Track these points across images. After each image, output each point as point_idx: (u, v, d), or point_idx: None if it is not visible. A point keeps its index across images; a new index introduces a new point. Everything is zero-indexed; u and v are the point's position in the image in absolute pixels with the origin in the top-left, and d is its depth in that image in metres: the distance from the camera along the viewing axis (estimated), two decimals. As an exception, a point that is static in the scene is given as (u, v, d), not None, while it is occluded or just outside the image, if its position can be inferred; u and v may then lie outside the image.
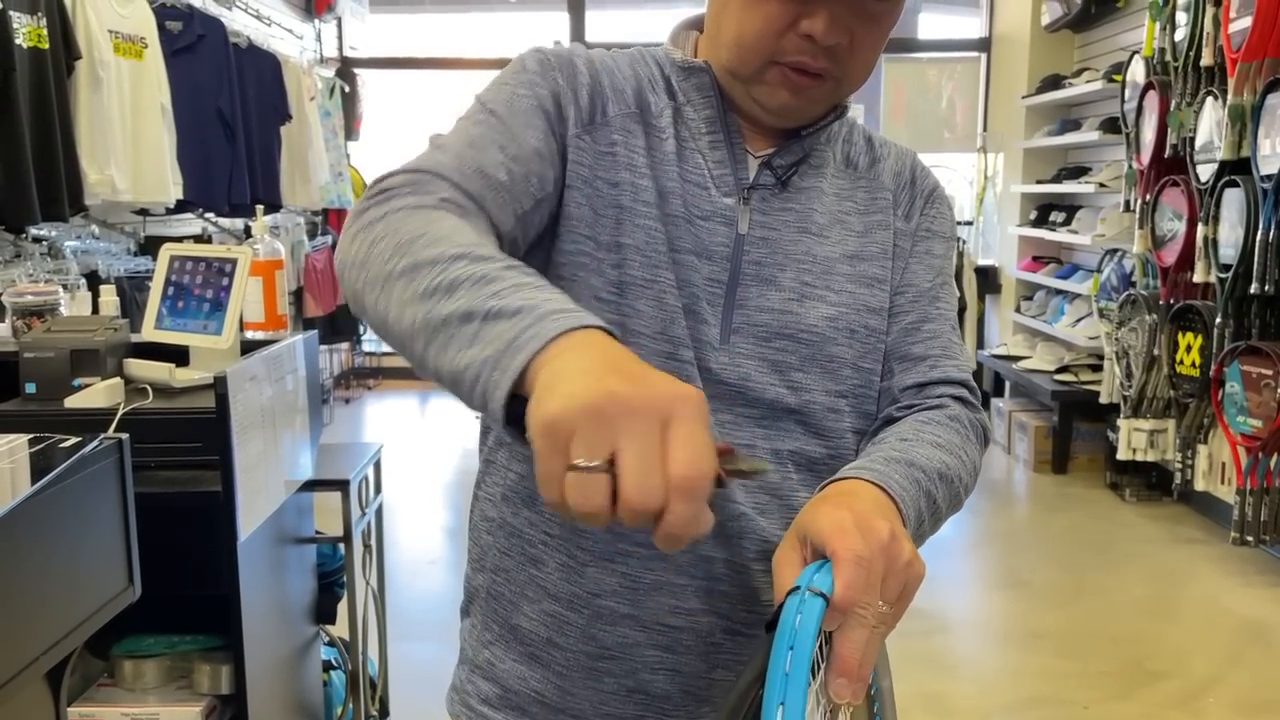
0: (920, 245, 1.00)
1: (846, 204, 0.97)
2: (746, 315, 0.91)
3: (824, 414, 0.93)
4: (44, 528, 1.16)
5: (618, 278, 0.88)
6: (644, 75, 0.96)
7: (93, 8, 3.36)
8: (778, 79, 0.89)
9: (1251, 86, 3.49)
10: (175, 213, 4.08)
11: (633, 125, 0.92)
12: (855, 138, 1.02)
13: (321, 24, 6.47)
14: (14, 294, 2.10)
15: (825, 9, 0.85)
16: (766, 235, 0.92)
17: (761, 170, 0.93)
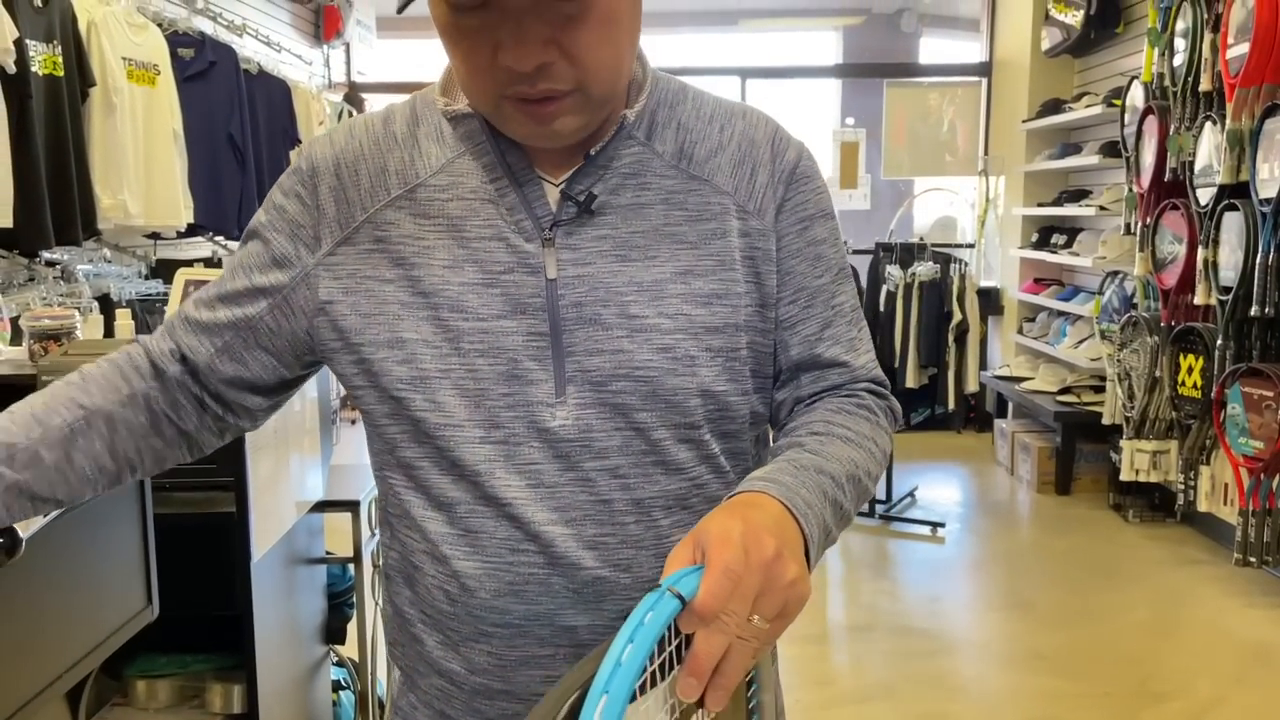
0: (798, 239, 0.93)
1: (676, 212, 0.89)
2: (577, 362, 0.86)
3: (677, 449, 0.88)
4: (67, 548, 1.19)
5: (410, 374, 0.87)
6: (428, 125, 0.91)
7: (107, 36, 3.42)
8: (512, 111, 0.82)
9: (1250, 111, 3.53)
10: (185, 236, 4.12)
11: (399, 212, 0.88)
12: (692, 121, 0.92)
13: (330, 50, 6.55)
14: (31, 318, 2.13)
15: (511, 37, 0.77)
16: (581, 273, 0.86)
17: (563, 202, 0.87)
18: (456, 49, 0.81)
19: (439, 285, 0.86)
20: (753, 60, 7.47)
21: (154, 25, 3.75)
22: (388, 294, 0.87)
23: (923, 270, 6.12)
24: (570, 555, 0.86)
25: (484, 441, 0.86)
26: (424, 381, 0.86)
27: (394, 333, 0.87)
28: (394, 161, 0.90)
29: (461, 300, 0.86)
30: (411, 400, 0.87)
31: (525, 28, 0.77)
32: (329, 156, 0.91)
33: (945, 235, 6.68)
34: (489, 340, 0.86)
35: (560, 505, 0.86)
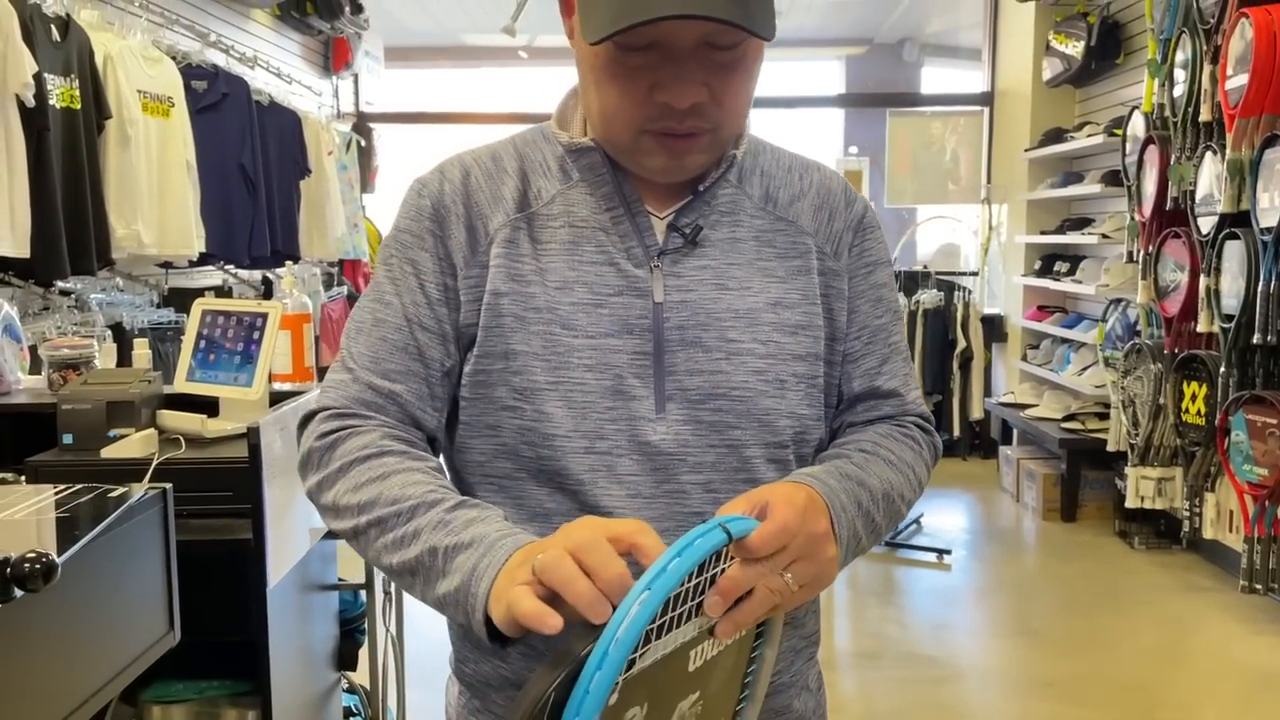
0: (864, 281, 1.02)
1: (767, 250, 0.98)
2: (678, 381, 0.93)
3: (766, 468, 0.95)
4: (94, 574, 1.21)
5: (522, 385, 0.92)
6: (534, 161, 0.99)
7: (123, 69, 3.48)
8: (652, 146, 0.91)
9: (1249, 141, 3.57)
10: (197, 265, 4.17)
11: (515, 234, 0.95)
12: (774, 169, 1.01)
13: (339, 81, 6.63)
14: (51, 347, 2.17)
15: (672, 76, 0.86)
16: (684, 298, 0.94)
17: (669, 234, 0.95)
18: (611, 85, 0.89)
19: (551, 303, 0.93)
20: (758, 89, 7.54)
21: (168, 58, 3.81)
22: (503, 308, 0.94)
23: (926, 298, 6.15)
24: None
25: (588, 452, 0.92)
26: (534, 393, 0.92)
27: (508, 345, 0.93)
28: (508, 191, 0.97)
29: (572, 319, 0.93)
30: (522, 410, 0.92)
31: (687, 70, 0.86)
32: (450, 192, 0.98)
33: (948, 263, 6.72)
34: (597, 356, 0.92)
35: (655, 516, 0.92)
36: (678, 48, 0.85)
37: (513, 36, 6.99)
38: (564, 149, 0.98)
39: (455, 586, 0.80)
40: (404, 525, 0.86)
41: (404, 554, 0.85)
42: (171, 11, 4.28)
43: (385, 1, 6.94)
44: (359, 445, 0.91)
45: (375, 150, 6.72)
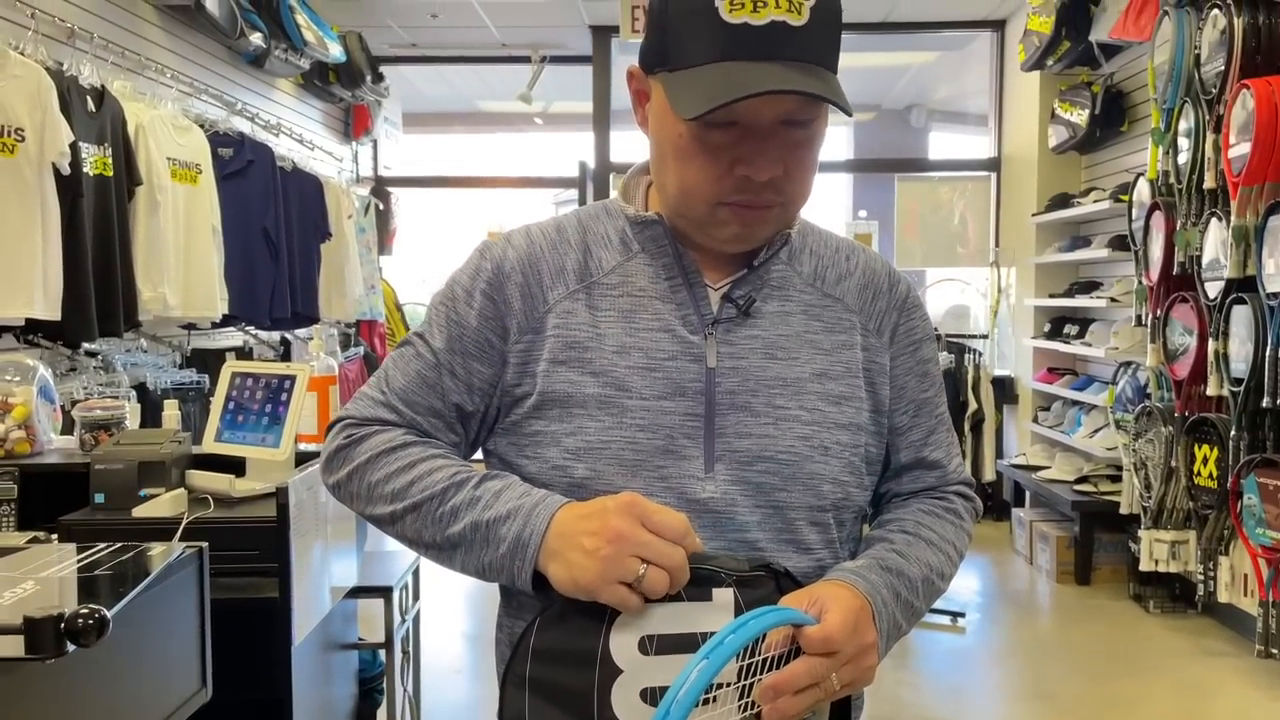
0: (910, 358, 1.09)
1: (814, 323, 1.04)
2: (727, 443, 0.98)
3: (808, 530, 1.01)
4: (133, 631, 1.25)
5: (575, 445, 0.98)
6: (597, 234, 1.06)
7: (154, 138, 3.59)
8: (728, 216, 0.98)
9: (1254, 209, 3.64)
10: (219, 326, 4.25)
11: (574, 304, 1.02)
12: (822, 249, 1.08)
13: (359, 146, 6.78)
14: (84, 408, 2.23)
15: (753, 151, 0.93)
16: (736, 365, 1.00)
17: (723, 304, 1.02)
18: (694, 160, 0.96)
19: (608, 367, 0.99)
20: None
21: (197, 127, 3.93)
22: (561, 374, 1.00)
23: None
24: None
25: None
26: (588, 451, 0.98)
27: (565, 408, 0.99)
28: (570, 262, 1.04)
29: (627, 381, 0.99)
30: (573, 469, 0.98)
31: (767, 146, 0.93)
32: (514, 258, 1.05)
33: (958, 325, 6.77)
34: (650, 417, 0.98)
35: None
36: (759, 125, 0.92)
37: (528, 104, 7.16)
38: (628, 221, 1.05)
39: (503, 553, 0.93)
40: (441, 506, 0.97)
41: (446, 531, 0.96)
42: (200, 81, 4.42)
43: (404, 70, 7.12)
44: (384, 440, 1.02)
45: (393, 213, 6.85)
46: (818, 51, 0.91)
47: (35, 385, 2.21)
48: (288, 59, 4.89)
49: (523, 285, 1.03)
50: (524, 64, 6.95)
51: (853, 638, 0.88)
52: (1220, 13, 3.79)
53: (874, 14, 6.26)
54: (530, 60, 6.92)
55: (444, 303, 1.06)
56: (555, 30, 6.52)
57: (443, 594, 4.66)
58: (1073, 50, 5.31)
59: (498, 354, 1.03)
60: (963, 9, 6.26)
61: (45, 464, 2.16)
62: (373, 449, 1.01)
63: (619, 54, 6.74)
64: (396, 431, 1.03)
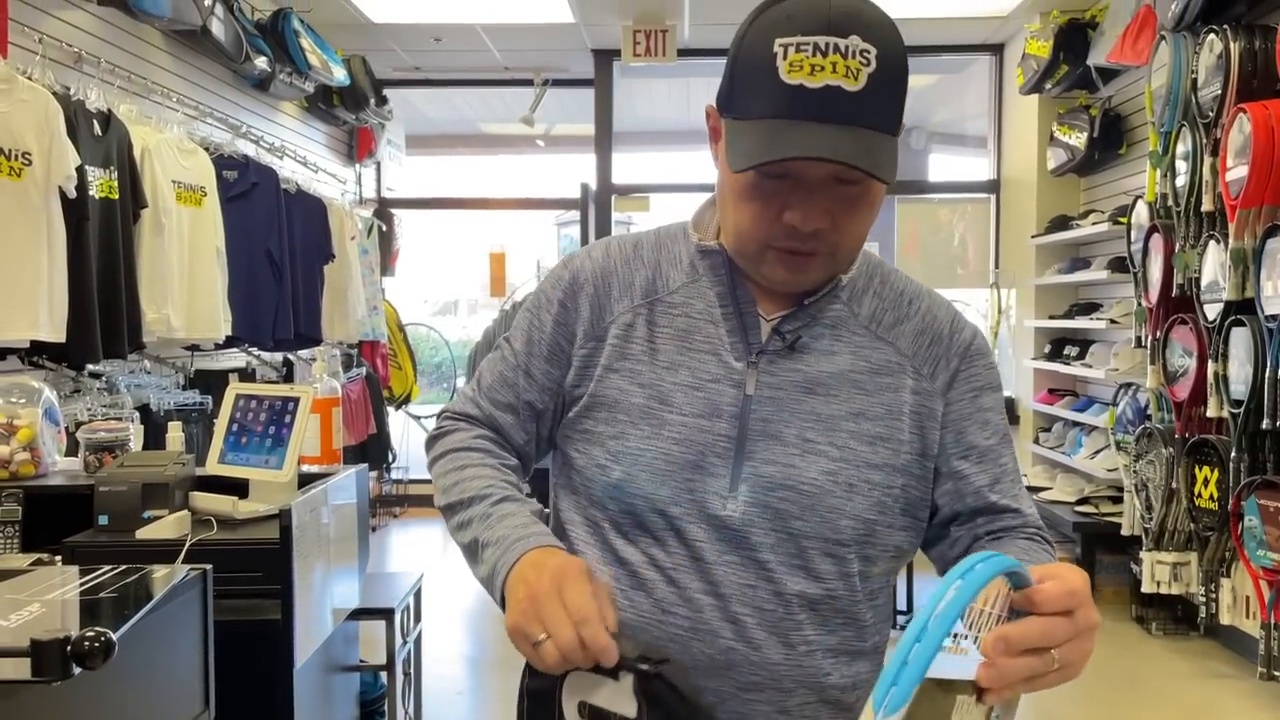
0: (970, 405, 1.10)
1: (861, 364, 1.07)
2: (754, 467, 1.03)
3: (822, 560, 1.04)
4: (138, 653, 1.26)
5: (616, 448, 1.06)
6: (669, 253, 1.14)
7: (159, 160, 3.62)
8: (775, 260, 1.03)
9: (1251, 231, 3.66)
10: (222, 347, 4.27)
11: (635, 318, 1.11)
12: (886, 293, 1.12)
13: (362, 168, 6.82)
14: (88, 430, 2.24)
15: (801, 202, 0.99)
16: (774, 395, 1.05)
17: (772, 335, 1.07)
18: (748, 204, 1.02)
19: (655, 380, 1.07)
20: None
21: (202, 150, 3.96)
22: (612, 381, 1.09)
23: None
24: (711, 624, 1.03)
25: (662, 514, 1.05)
26: (626, 455, 1.06)
27: (611, 412, 1.08)
28: (639, 278, 1.13)
29: (671, 396, 1.07)
30: (611, 469, 1.07)
31: (815, 199, 0.98)
32: (589, 270, 1.15)
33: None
34: (685, 433, 1.05)
35: (714, 580, 1.04)
36: (809, 179, 0.98)
37: (530, 126, 7.21)
38: (695, 248, 1.12)
39: (484, 576, 1.03)
40: (462, 513, 1.08)
41: (460, 538, 1.08)
42: (205, 105, 4.46)
43: (408, 92, 7.17)
44: (455, 440, 1.16)
45: (396, 234, 6.88)
46: (872, 116, 0.96)
47: (41, 407, 2.23)
48: (292, 82, 4.93)
49: (593, 296, 1.13)
50: (526, 87, 7.00)
51: (1085, 607, 0.82)
52: (1216, 38, 3.82)
53: (874, 38, 6.30)
54: (532, 83, 6.97)
55: (529, 309, 1.17)
56: (557, 54, 6.57)
57: (444, 616, 4.65)
58: (1071, 74, 5.35)
59: (566, 357, 1.13)
60: (962, 33, 6.31)
61: (49, 485, 2.17)
62: (447, 445, 1.16)
63: (620, 77, 6.79)
64: (472, 431, 1.16)
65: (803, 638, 1.04)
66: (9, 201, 2.88)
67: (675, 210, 6.97)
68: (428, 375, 8.39)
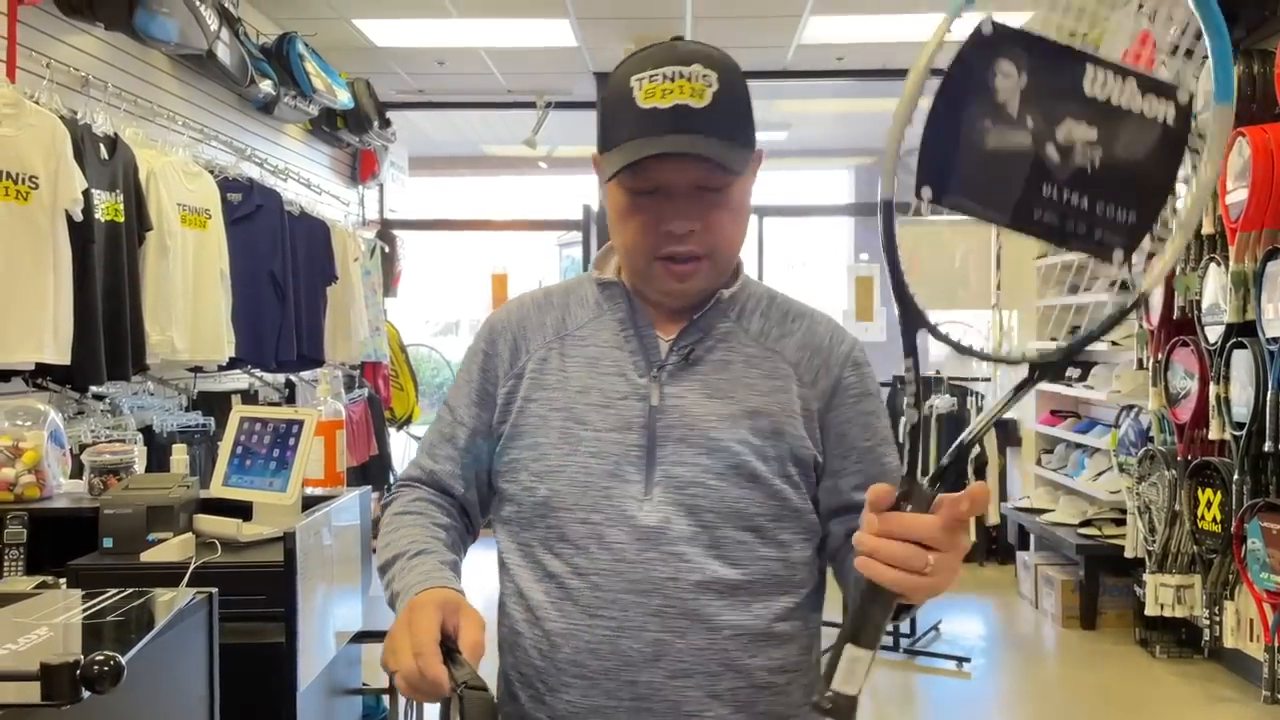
0: (851, 409, 1.21)
1: (753, 371, 1.20)
2: (665, 469, 1.15)
3: (735, 546, 1.15)
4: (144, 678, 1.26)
5: (540, 468, 1.18)
6: (577, 295, 1.27)
7: (164, 183, 3.64)
8: (662, 270, 1.17)
9: (1252, 254, 3.67)
10: (225, 369, 4.27)
11: (549, 352, 1.23)
12: (773, 313, 1.25)
13: (365, 190, 6.85)
14: (93, 453, 2.24)
15: (672, 209, 1.13)
16: (676, 404, 1.17)
17: (670, 351, 1.20)
18: (630, 221, 1.16)
19: (569, 404, 1.19)
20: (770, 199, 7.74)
21: (207, 173, 3.98)
22: (531, 410, 1.21)
23: (940, 403, 6.20)
24: (637, 620, 1.13)
25: (584, 522, 1.15)
26: (549, 474, 1.17)
27: (533, 438, 1.19)
28: (550, 319, 1.26)
29: (585, 415, 1.18)
30: (537, 489, 1.17)
31: (683, 206, 1.13)
32: (505, 320, 1.28)
33: (961, 368, 6.79)
34: (600, 446, 1.16)
35: (634, 579, 1.14)
36: (675, 189, 1.13)
37: (533, 148, 7.25)
38: (596, 284, 1.25)
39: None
40: (388, 572, 1.16)
41: (386, 595, 1.15)
42: (210, 128, 4.49)
43: (411, 114, 7.21)
44: (396, 507, 1.25)
45: (398, 256, 6.91)
46: (720, 128, 1.11)
47: (46, 430, 2.23)
48: (297, 105, 4.96)
49: (510, 341, 1.25)
50: (529, 109, 7.04)
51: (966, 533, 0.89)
52: (1215, 62, 3.85)
53: (875, 61, 6.35)
54: (535, 105, 7.01)
55: (462, 366, 1.29)
56: (560, 77, 6.61)
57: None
58: (1071, 97, 5.38)
59: (492, 399, 1.24)
60: (962, 56, 6.34)
61: (54, 508, 2.17)
62: (389, 513, 1.25)
63: (623, 100, 6.82)
64: (412, 494, 1.26)
65: (725, 622, 1.14)
66: (16, 225, 2.90)
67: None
68: (429, 396, 8.40)
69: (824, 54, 6.20)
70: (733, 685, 1.14)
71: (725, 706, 1.14)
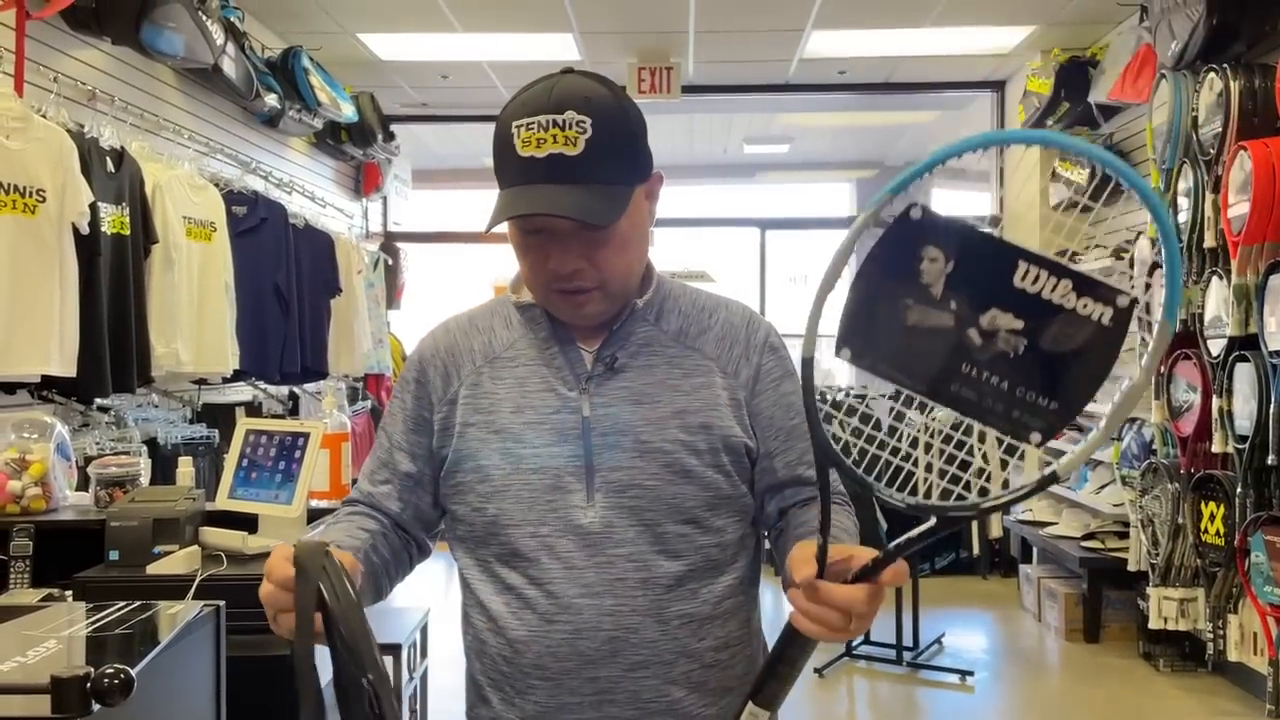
0: (774, 392, 1.28)
1: (675, 371, 1.25)
2: (604, 476, 1.20)
3: (676, 540, 1.21)
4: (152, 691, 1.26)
5: (486, 489, 1.22)
6: (500, 317, 1.31)
7: (170, 197, 3.66)
8: (558, 300, 1.22)
9: (1254, 267, 3.68)
10: (229, 381, 4.28)
11: (480, 376, 1.26)
12: (689, 309, 1.30)
13: (369, 202, 6.87)
14: (99, 465, 2.25)
15: (557, 250, 1.17)
16: (606, 412, 1.22)
17: (595, 362, 1.24)
18: (524, 258, 1.21)
19: (506, 424, 1.23)
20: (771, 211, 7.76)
21: (212, 186, 4.00)
22: (471, 435, 1.24)
23: (942, 414, 6.19)
24: (591, 621, 1.19)
25: (534, 536, 1.20)
26: (495, 494, 1.21)
27: (475, 460, 1.23)
28: (477, 343, 1.30)
29: (522, 434, 1.22)
30: (485, 509, 1.22)
31: (566, 246, 1.17)
32: (433, 347, 1.32)
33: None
34: (540, 462, 1.21)
35: (586, 583, 1.19)
36: (558, 231, 1.17)
37: (536, 161, 7.26)
38: (515, 307, 1.30)
39: None
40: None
41: None
42: (216, 141, 4.51)
43: (414, 128, 7.24)
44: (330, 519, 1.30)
45: (402, 268, 6.92)
46: (593, 173, 1.14)
47: (53, 442, 2.24)
48: (301, 119, 4.98)
49: (440, 368, 1.29)
50: (532, 123, 7.05)
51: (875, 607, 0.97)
52: (1216, 76, 3.87)
53: (876, 75, 6.38)
54: (538, 119, 7.03)
55: (395, 392, 1.33)
56: (563, 90, 6.63)
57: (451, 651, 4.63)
58: (1072, 111, 5.40)
59: (428, 424, 1.28)
60: (963, 71, 6.38)
61: (60, 520, 2.18)
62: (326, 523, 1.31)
63: (625, 113, 6.84)
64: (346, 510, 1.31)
65: (674, 612, 1.20)
66: (23, 237, 2.91)
67: (676, 243, 7.02)
68: (432, 408, 8.38)
69: (826, 68, 6.23)
70: (686, 669, 1.21)
71: (680, 689, 1.21)
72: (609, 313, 1.24)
